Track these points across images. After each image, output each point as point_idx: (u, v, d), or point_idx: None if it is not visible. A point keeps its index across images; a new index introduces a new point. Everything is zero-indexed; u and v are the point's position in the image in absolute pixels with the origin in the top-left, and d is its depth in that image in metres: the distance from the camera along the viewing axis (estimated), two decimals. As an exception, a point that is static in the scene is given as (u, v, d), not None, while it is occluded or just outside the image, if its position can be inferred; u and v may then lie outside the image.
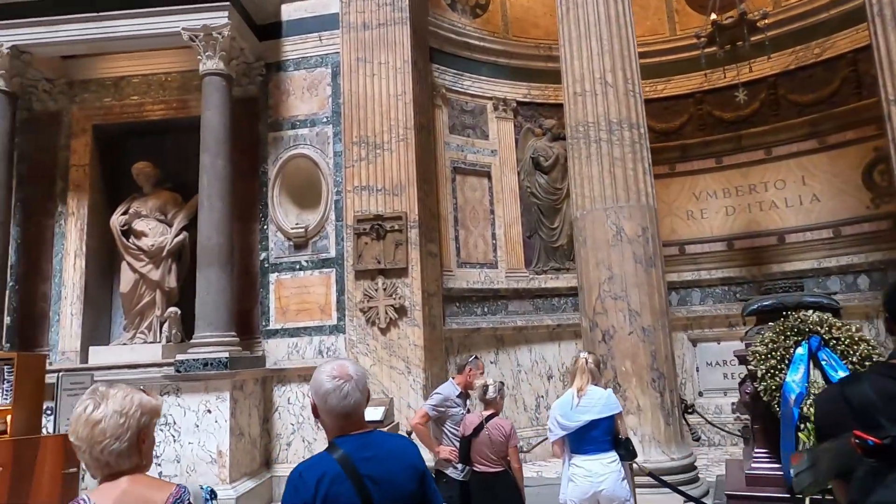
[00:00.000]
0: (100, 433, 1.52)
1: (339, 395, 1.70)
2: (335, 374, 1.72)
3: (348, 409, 1.71)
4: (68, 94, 7.32)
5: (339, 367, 1.75)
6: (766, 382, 4.33)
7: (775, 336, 4.42)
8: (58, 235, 7.05)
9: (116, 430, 1.53)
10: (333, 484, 1.63)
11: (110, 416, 1.54)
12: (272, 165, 6.96)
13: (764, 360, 4.39)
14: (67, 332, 6.82)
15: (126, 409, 1.58)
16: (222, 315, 5.97)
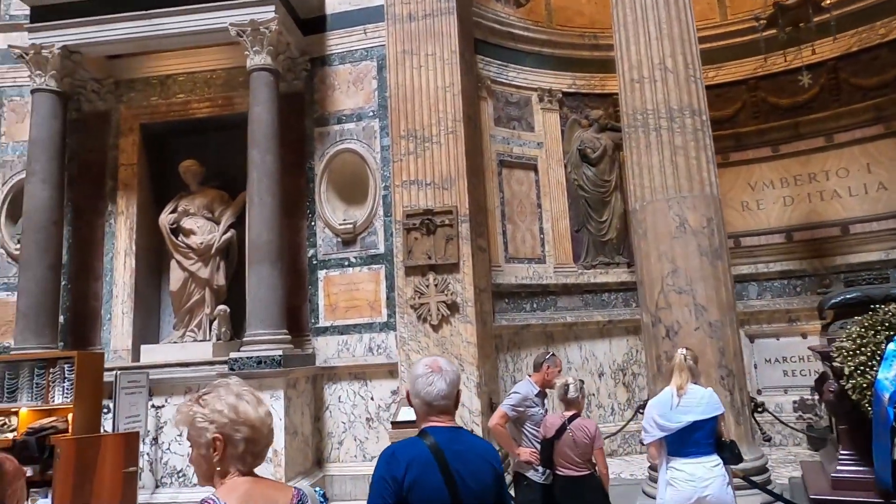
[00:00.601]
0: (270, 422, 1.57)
1: (426, 383, 1.87)
2: (428, 364, 1.92)
3: (431, 397, 1.85)
4: (115, 93, 7.35)
5: (433, 360, 1.94)
6: (854, 380, 4.08)
7: (863, 331, 4.16)
8: (108, 234, 7.09)
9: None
10: (424, 469, 1.74)
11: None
12: (318, 161, 6.89)
13: (852, 356, 4.14)
14: (119, 330, 6.86)
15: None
16: (274, 312, 5.91)
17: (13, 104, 7.35)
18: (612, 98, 8.45)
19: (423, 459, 1.75)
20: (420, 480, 1.73)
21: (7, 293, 6.94)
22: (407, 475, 1.73)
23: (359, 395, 6.39)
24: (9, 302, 6.93)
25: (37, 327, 6.06)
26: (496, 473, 1.87)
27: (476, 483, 1.78)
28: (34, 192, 6.32)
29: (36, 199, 6.29)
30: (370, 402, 6.36)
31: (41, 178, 6.34)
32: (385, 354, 6.39)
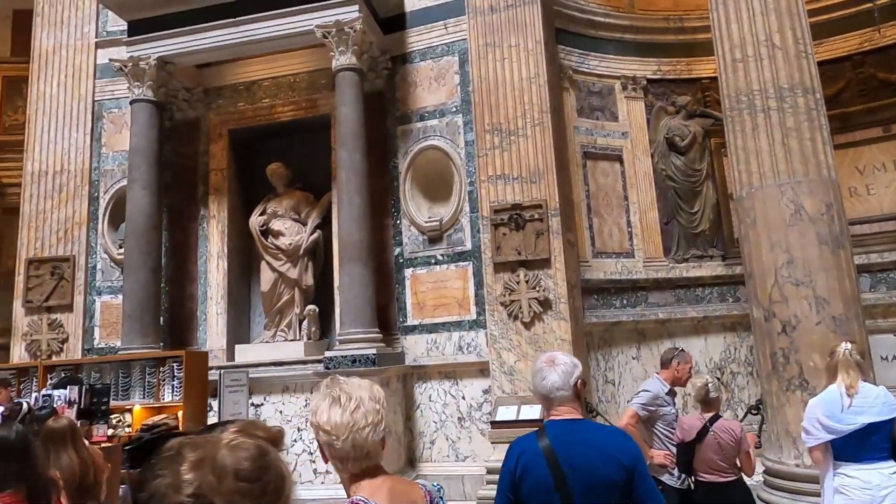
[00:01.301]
0: (361, 417, 1.46)
1: (539, 378, 1.91)
2: (545, 360, 1.95)
3: (544, 391, 1.89)
4: (205, 101, 7.59)
5: (550, 356, 1.97)
6: None
7: None
8: (201, 238, 7.32)
9: (374, 416, 1.47)
10: (532, 460, 1.81)
11: (366, 402, 1.48)
12: (402, 159, 6.86)
13: None
14: (214, 330, 7.06)
15: (377, 398, 1.51)
16: (366, 311, 5.91)
17: (112, 116, 7.71)
18: (700, 83, 8.05)
19: (532, 451, 1.82)
20: (528, 471, 1.81)
21: (111, 296, 7.27)
22: (517, 466, 1.83)
23: (449, 395, 6.30)
24: (112, 304, 7.26)
25: (141, 328, 6.31)
26: (623, 468, 1.77)
27: (591, 476, 1.75)
28: (135, 198, 6.59)
29: (137, 204, 6.56)
30: (461, 402, 6.27)
31: (141, 184, 6.60)
32: (475, 353, 6.28)
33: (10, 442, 2.17)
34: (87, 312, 7.26)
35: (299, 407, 5.78)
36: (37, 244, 7.39)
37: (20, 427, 2.32)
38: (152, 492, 0.68)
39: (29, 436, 2.29)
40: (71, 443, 2.71)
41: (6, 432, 2.23)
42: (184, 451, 0.71)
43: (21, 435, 2.22)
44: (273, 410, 5.83)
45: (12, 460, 2.13)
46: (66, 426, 2.81)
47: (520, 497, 1.83)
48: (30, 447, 2.23)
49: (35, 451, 2.27)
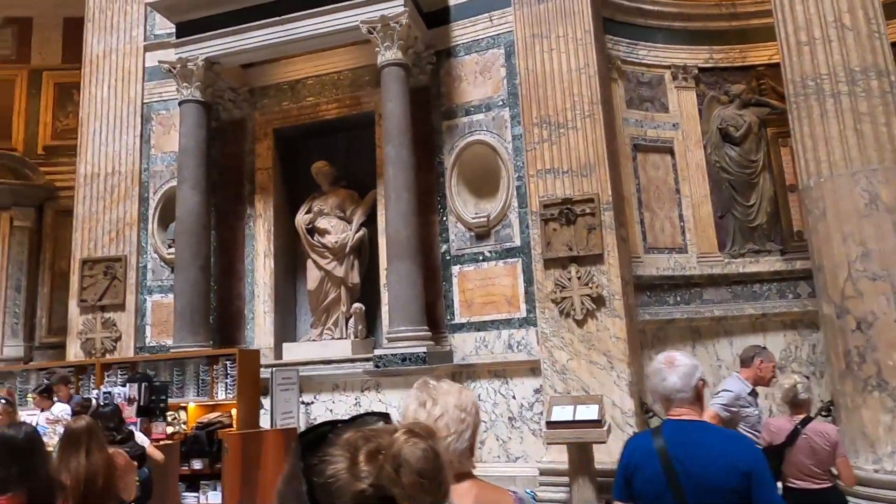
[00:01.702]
0: (444, 427, 1.40)
1: (659, 379, 1.92)
2: (663, 360, 1.97)
3: (665, 393, 1.91)
4: (250, 101, 7.64)
5: (669, 356, 1.97)
6: None
7: None
8: (248, 237, 7.36)
9: (458, 425, 1.42)
10: (644, 458, 1.86)
11: (451, 410, 1.43)
12: (448, 155, 6.76)
13: None
14: (262, 329, 7.08)
15: (464, 405, 1.45)
16: (414, 309, 5.83)
17: (160, 118, 7.82)
18: (754, 70, 7.72)
19: (645, 449, 1.86)
20: (640, 468, 1.86)
21: (161, 295, 7.38)
22: (630, 462, 1.91)
23: (499, 394, 6.17)
24: (163, 303, 7.37)
25: (192, 326, 6.37)
26: (741, 474, 1.74)
27: (703, 478, 1.75)
28: (185, 198, 6.66)
29: (187, 204, 6.62)
30: (511, 401, 6.13)
31: (191, 184, 6.67)
32: (526, 351, 6.14)
33: (16, 443, 2.14)
34: (139, 311, 7.38)
35: (349, 405, 5.74)
36: (90, 245, 7.55)
37: (29, 428, 2.29)
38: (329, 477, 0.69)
39: (36, 437, 2.25)
40: (85, 445, 2.65)
41: (14, 432, 2.20)
42: (357, 442, 0.71)
43: (28, 436, 2.20)
44: (323, 409, 5.80)
45: (15, 462, 2.09)
46: (83, 428, 2.76)
47: (632, 492, 1.89)
48: (35, 449, 2.19)
49: (41, 452, 2.23)
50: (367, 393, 5.69)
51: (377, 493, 0.68)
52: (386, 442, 0.72)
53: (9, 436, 2.16)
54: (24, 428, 2.25)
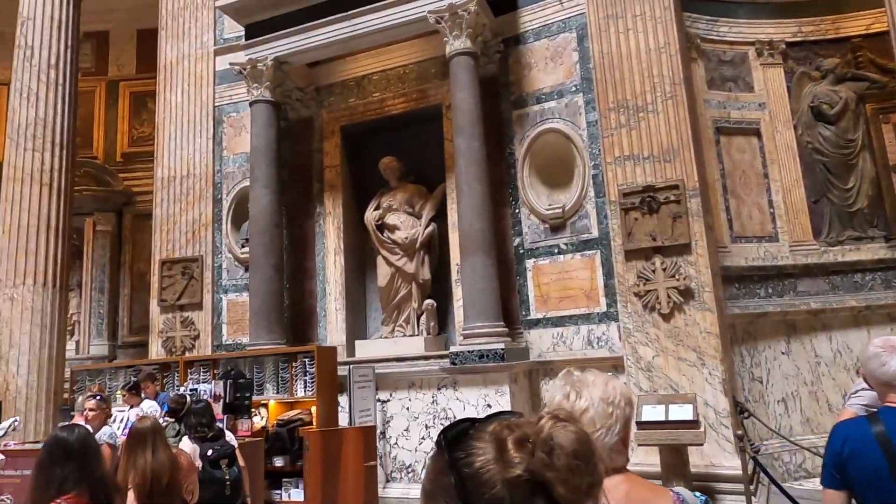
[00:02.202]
0: (588, 423, 1.30)
1: (877, 363, 1.90)
2: (879, 344, 1.95)
3: (886, 378, 1.89)
4: (317, 99, 7.66)
5: (888, 339, 1.96)
6: None
7: None
8: (318, 235, 7.38)
9: (605, 419, 1.33)
10: (860, 445, 1.83)
11: (596, 404, 1.33)
12: (519, 145, 6.54)
13: None
14: (334, 326, 7.08)
15: (611, 398, 1.35)
16: (491, 304, 5.65)
17: (230, 120, 7.96)
18: (849, 43, 7.13)
19: (861, 437, 1.83)
20: (856, 455, 1.83)
21: (236, 294, 7.50)
22: (843, 450, 1.87)
23: (579, 392, 5.90)
24: (237, 302, 7.49)
25: (267, 324, 6.42)
26: None
27: None
28: (257, 197, 6.73)
29: (260, 203, 6.69)
30: (593, 400, 5.85)
31: (263, 183, 6.73)
32: (607, 347, 5.85)
33: (70, 444, 2.20)
34: (215, 310, 7.53)
35: (426, 403, 5.62)
36: (168, 246, 7.77)
37: (82, 430, 2.36)
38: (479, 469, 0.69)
39: (89, 439, 2.33)
40: (150, 444, 2.72)
41: (67, 434, 2.26)
42: (502, 432, 0.71)
43: (81, 438, 2.26)
44: (399, 407, 5.71)
45: (72, 462, 2.16)
46: (148, 427, 2.82)
47: (847, 480, 1.85)
48: (89, 450, 2.26)
49: (95, 454, 2.30)
50: (444, 391, 5.55)
51: (531, 479, 0.67)
52: (532, 430, 0.72)
53: (62, 437, 2.25)
54: (77, 430, 2.33)
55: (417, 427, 5.61)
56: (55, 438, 2.27)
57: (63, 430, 2.36)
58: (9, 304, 7.80)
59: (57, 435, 2.30)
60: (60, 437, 2.26)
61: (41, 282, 7.97)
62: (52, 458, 2.19)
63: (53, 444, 2.25)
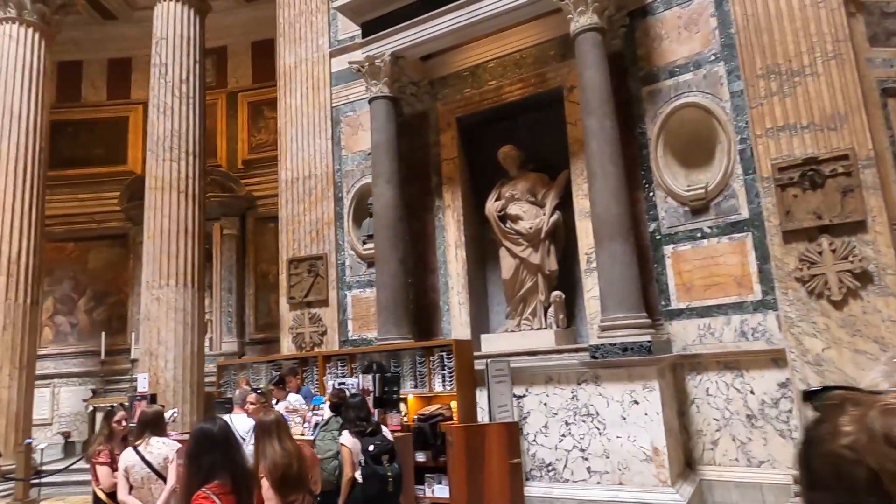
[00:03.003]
0: None
1: None
2: None
3: None
4: (431, 92, 7.60)
5: None
6: None
7: None
8: (438, 228, 7.32)
9: None
10: None
11: None
12: (651, 124, 6.11)
13: None
14: (457, 321, 6.98)
15: None
16: (631, 294, 5.29)
17: (347, 119, 8.09)
18: None
19: None
20: None
21: (360, 290, 7.61)
22: None
23: (732, 388, 5.41)
24: (361, 298, 7.60)
25: (395, 318, 6.43)
26: None
27: None
28: (381, 193, 6.76)
29: (383, 198, 6.71)
30: (749, 397, 5.34)
31: (385, 178, 6.75)
32: (764, 339, 5.31)
33: (214, 435, 2.36)
34: (341, 306, 7.68)
35: (565, 399, 5.36)
36: (294, 245, 8.03)
37: (223, 422, 2.51)
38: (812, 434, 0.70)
39: (230, 430, 2.47)
40: (276, 435, 2.84)
41: (211, 425, 2.43)
42: (846, 403, 0.70)
43: (222, 428, 2.42)
44: (536, 403, 5.49)
45: (216, 452, 2.31)
46: (273, 420, 2.94)
47: None
48: (230, 440, 2.41)
49: (236, 444, 2.46)
50: (585, 386, 5.26)
51: None
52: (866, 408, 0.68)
53: (207, 428, 2.41)
54: (219, 422, 2.49)
55: (556, 424, 5.36)
56: (201, 430, 2.43)
57: (207, 421, 2.50)
58: (155, 303, 8.39)
59: (202, 426, 2.45)
60: (206, 428, 2.42)
61: (182, 282, 8.52)
62: (200, 448, 2.35)
63: (200, 434, 2.42)
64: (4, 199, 9.03)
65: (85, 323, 12.02)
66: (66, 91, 12.77)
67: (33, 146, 9.48)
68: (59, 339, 11.98)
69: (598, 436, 5.14)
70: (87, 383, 11.64)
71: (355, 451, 3.42)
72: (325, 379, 5.57)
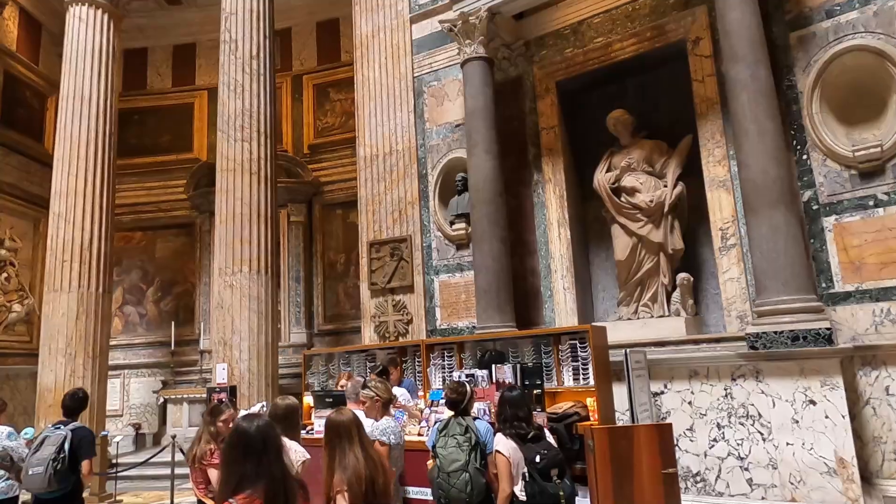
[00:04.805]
0: None
1: None
2: None
3: None
4: (526, 55, 6.85)
5: None
6: None
7: None
8: (537, 205, 6.57)
9: None
10: None
11: None
12: (802, 75, 5.18)
13: None
14: (562, 308, 6.23)
15: None
16: (798, 272, 4.42)
17: (431, 90, 7.43)
18: None
19: None
20: None
21: (448, 275, 6.95)
22: None
23: (925, 386, 4.46)
24: (451, 283, 6.93)
25: (497, 304, 5.73)
26: None
27: None
28: (478, 164, 6.07)
29: (481, 170, 6.02)
30: (945, 397, 4.39)
31: (484, 148, 6.05)
32: (966, 327, 4.34)
33: (250, 437, 1.95)
34: (427, 292, 7.04)
35: (717, 397, 4.54)
36: (375, 227, 7.43)
37: (263, 421, 2.05)
38: None
39: (271, 431, 2.02)
40: (358, 441, 2.41)
41: (247, 426, 1.99)
42: None
43: (261, 430, 1.98)
44: (678, 401, 4.69)
45: (251, 458, 1.91)
46: (350, 420, 2.46)
47: None
48: (269, 444, 1.97)
49: (276, 448, 2.01)
50: (742, 381, 4.42)
51: None
52: None
53: (243, 430, 1.98)
54: (257, 421, 2.03)
55: (705, 426, 4.54)
56: (237, 431, 2.01)
57: (245, 420, 2.05)
58: (229, 291, 7.93)
59: (239, 426, 2.02)
60: (241, 428, 2.00)
61: (255, 269, 8.03)
62: (233, 454, 1.96)
63: (234, 437, 2.00)
64: (76, 185, 8.77)
65: (153, 313, 11.81)
66: (132, 79, 12.60)
67: (104, 131, 9.20)
68: (129, 330, 11.81)
69: (762, 442, 4.30)
70: (157, 374, 11.43)
71: (514, 460, 2.73)
72: (430, 370, 4.93)
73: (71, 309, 8.40)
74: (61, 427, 4.02)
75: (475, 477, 3.01)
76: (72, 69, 9.11)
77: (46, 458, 3.73)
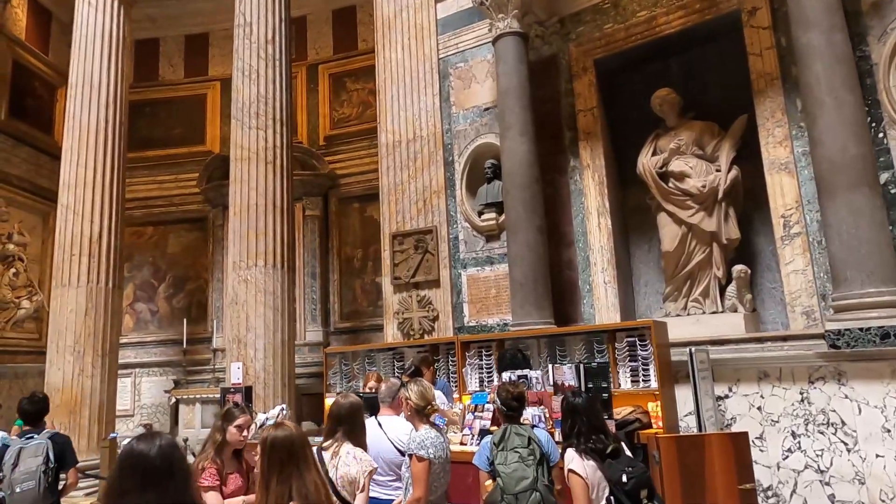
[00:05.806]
0: None
1: None
2: None
3: None
4: (560, 33, 6.38)
5: None
6: None
7: None
8: (574, 193, 6.11)
9: None
10: None
11: None
12: (878, 44, 4.67)
13: None
14: (603, 303, 5.76)
15: None
16: (886, 260, 3.91)
17: (458, 72, 6.98)
18: None
19: None
20: None
21: (477, 269, 6.50)
22: None
23: None
24: (479, 277, 6.48)
25: (535, 298, 5.28)
26: None
27: None
28: (512, 147, 5.61)
29: (516, 153, 5.57)
30: None
31: (518, 130, 5.60)
32: None
33: (149, 461, 1.58)
34: (454, 287, 6.59)
35: (791, 402, 4.05)
36: (397, 217, 7.00)
37: (164, 440, 1.65)
38: None
39: (175, 452, 1.65)
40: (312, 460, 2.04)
41: (146, 447, 1.61)
42: None
43: (165, 451, 1.61)
44: (745, 406, 4.21)
45: (151, 488, 1.54)
46: (302, 435, 2.08)
47: None
48: (175, 467, 1.61)
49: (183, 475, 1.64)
50: (821, 385, 3.94)
51: None
52: None
53: (138, 452, 1.60)
54: (159, 441, 1.64)
55: (778, 434, 4.06)
56: (132, 454, 1.60)
57: (142, 440, 1.64)
58: (243, 286, 7.54)
59: (133, 449, 1.62)
60: (137, 451, 1.60)
61: (271, 262, 7.62)
62: (126, 483, 1.57)
63: (128, 461, 1.60)
64: (85, 175, 8.41)
65: (165, 310, 11.46)
66: (144, 71, 12.27)
67: (114, 119, 8.84)
68: (140, 328, 11.47)
69: (846, 453, 3.81)
70: (168, 373, 11.07)
71: (593, 482, 2.27)
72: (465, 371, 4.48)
73: (79, 304, 8.04)
74: (33, 436, 3.58)
75: (546, 497, 2.53)
76: (81, 55, 8.76)
77: (35, 471, 3.31)
